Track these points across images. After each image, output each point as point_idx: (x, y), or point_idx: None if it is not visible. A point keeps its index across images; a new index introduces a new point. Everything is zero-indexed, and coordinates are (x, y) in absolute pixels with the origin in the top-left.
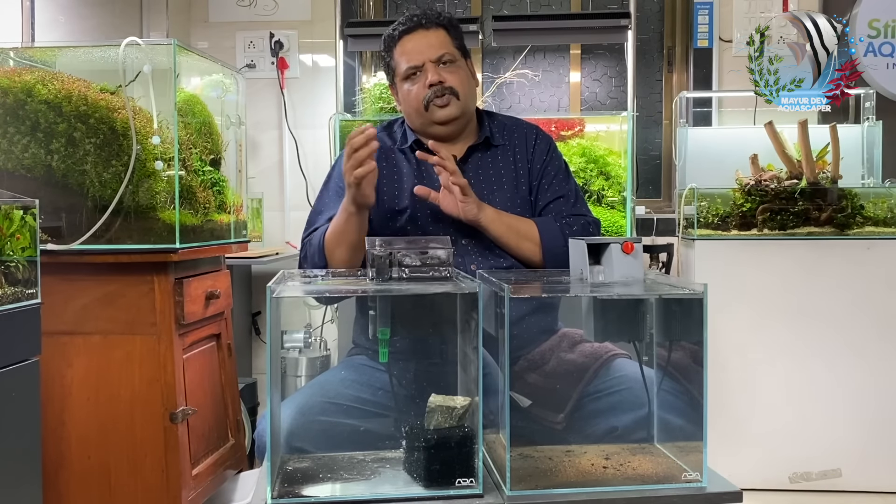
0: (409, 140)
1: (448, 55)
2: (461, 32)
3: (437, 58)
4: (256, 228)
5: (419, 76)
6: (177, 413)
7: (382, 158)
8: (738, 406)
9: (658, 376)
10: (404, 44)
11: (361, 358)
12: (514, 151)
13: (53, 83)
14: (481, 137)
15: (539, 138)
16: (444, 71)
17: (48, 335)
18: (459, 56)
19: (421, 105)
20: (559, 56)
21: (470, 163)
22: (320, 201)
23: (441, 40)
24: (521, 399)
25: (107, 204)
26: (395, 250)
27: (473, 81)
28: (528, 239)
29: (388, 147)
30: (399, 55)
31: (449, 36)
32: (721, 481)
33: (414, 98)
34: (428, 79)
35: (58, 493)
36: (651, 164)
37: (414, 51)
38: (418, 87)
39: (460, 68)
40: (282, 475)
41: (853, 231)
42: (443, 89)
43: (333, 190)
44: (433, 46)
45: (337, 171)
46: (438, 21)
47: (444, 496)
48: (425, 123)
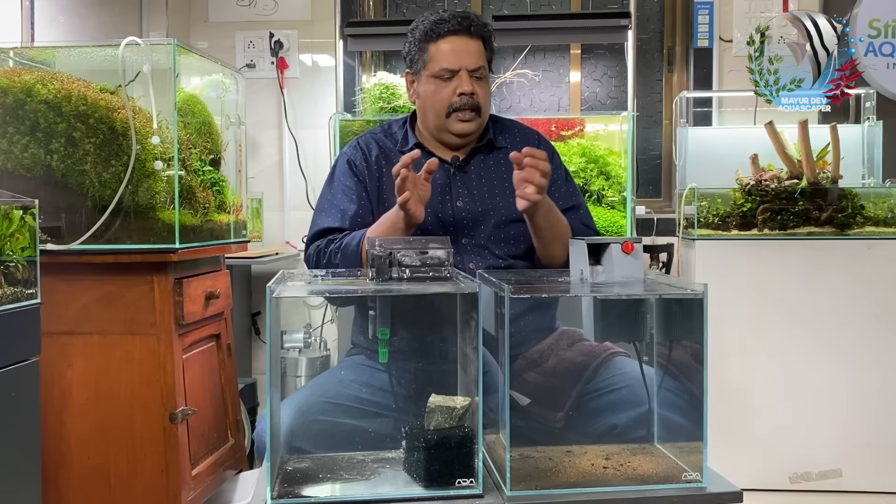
0: (409, 142)
1: (483, 69)
2: (494, 47)
3: (474, 68)
4: (256, 228)
5: (451, 81)
6: (176, 413)
7: (383, 159)
8: (738, 406)
9: (658, 376)
10: (446, 43)
11: (361, 358)
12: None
13: (53, 83)
14: (484, 139)
15: (541, 144)
16: (476, 84)
17: (48, 335)
18: (487, 71)
19: (445, 110)
20: (559, 56)
21: (472, 164)
22: (325, 201)
23: (480, 51)
24: (521, 398)
25: (106, 204)
26: (394, 250)
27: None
28: (560, 240)
29: (388, 149)
30: (436, 52)
31: (485, 48)
32: (721, 481)
33: (440, 101)
34: (462, 87)
35: (58, 493)
36: (651, 164)
37: (454, 54)
38: (448, 92)
39: (487, 84)
40: (282, 475)
41: (853, 231)
42: (472, 103)
43: (340, 189)
44: (473, 55)
45: (340, 171)
46: (483, 32)
47: (444, 496)
48: (441, 128)
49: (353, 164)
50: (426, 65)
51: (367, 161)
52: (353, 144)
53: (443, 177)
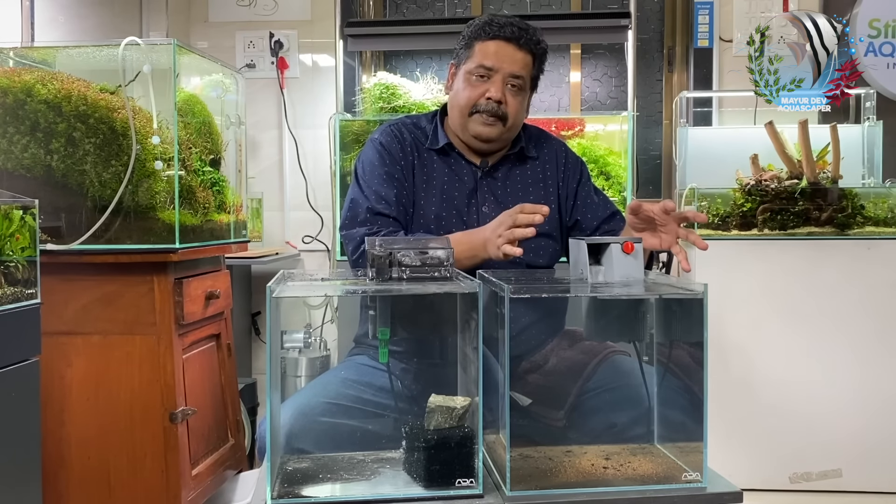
0: (440, 141)
1: (522, 80)
2: (543, 67)
3: (511, 74)
4: (256, 228)
5: (484, 80)
6: (176, 413)
7: (415, 150)
8: (739, 406)
9: (658, 376)
10: (493, 44)
11: (362, 358)
12: (545, 167)
13: (53, 83)
14: (516, 147)
15: (569, 157)
16: (508, 93)
17: (48, 335)
18: (529, 87)
19: (469, 108)
20: (559, 56)
21: (500, 171)
22: (364, 185)
23: (525, 63)
24: (521, 398)
25: (106, 204)
26: (394, 250)
27: (525, 114)
28: None
29: (419, 141)
30: (480, 49)
31: (533, 63)
32: (721, 481)
33: (466, 98)
34: (492, 91)
35: (58, 494)
36: (651, 164)
37: (496, 55)
38: (477, 92)
39: (523, 98)
40: (282, 475)
41: (853, 231)
42: (497, 110)
43: (378, 175)
44: (515, 62)
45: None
46: (534, 48)
47: (444, 496)
48: (462, 126)
49: (389, 149)
50: (467, 60)
51: (403, 147)
52: (385, 130)
53: (471, 180)
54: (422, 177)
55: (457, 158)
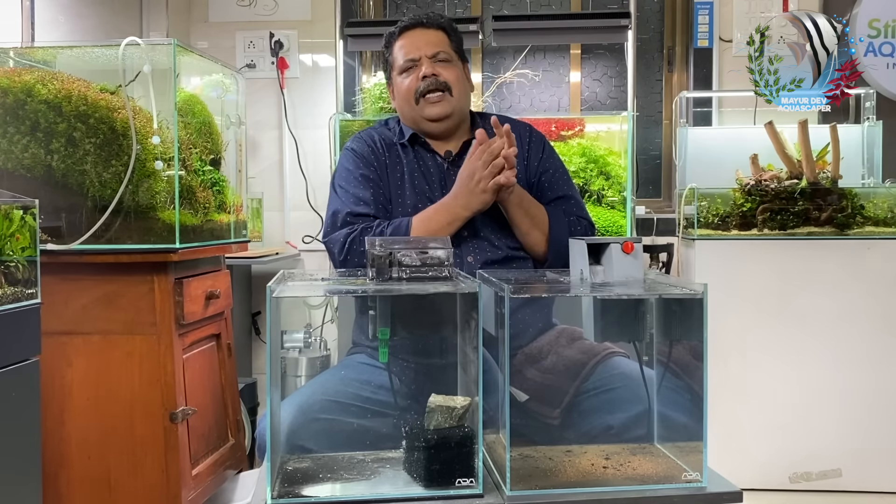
0: (405, 135)
1: (444, 54)
2: (461, 37)
3: (433, 54)
4: (256, 228)
5: (414, 70)
6: (177, 413)
7: (384, 151)
8: (739, 406)
9: (658, 376)
10: (403, 39)
11: (362, 357)
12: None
13: (53, 83)
14: (474, 132)
15: (533, 136)
16: (439, 66)
17: (48, 335)
18: (456, 58)
19: (412, 97)
20: (559, 56)
21: (464, 157)
22: (340, 191)
23: (440, 39)
24: (519, 394)
25: (107, 204)
26: (394, 250)
27: (469, 84)
28: (538, 228)
29: (388, 138)
30: (397, 50)
31: (448, 38)
32: (721, 481)
33: (406, 90)
34: (422, 71)
35: (58, 494)
36: (651, 164)
37: (411, 45)
38: (412, 80)
39: (456, 68)
40: (282, 475)
41: (853, 231)
42: (437, 83)
43: (353, 179)
44: (431, 43)
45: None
46: (439, 23)
47: (444, 496)
48: (416, 118)
49: (361, 154)
50: (394, 65)
51: (374, 149)
52: (356, 137)
53: (437, 171)
54: (395, 174)
55: (423, 153)
